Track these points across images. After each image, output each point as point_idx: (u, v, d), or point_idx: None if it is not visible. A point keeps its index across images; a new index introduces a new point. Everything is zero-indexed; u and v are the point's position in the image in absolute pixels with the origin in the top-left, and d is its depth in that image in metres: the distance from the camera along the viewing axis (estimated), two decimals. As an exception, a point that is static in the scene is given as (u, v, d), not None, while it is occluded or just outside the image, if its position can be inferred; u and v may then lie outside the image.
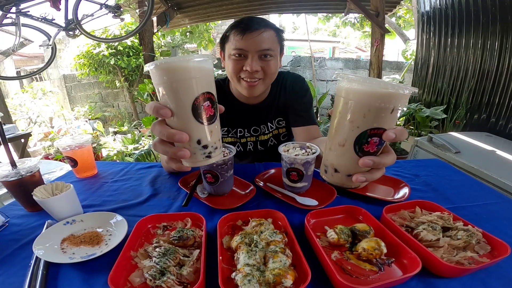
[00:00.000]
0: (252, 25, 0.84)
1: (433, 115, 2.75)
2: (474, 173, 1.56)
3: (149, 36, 3.32)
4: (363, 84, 0.39)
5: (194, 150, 0.45)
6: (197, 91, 0.42)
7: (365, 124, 0.40)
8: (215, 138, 0.47)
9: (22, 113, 4.73)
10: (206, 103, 0.43)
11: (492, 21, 2.45)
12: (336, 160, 0.45)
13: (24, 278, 0.48)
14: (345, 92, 0.42)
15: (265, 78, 0.91)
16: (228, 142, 1.12)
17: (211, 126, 0.45)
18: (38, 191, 0.64)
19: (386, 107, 0.39)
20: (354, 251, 0.52)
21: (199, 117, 0.43)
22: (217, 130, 0.47)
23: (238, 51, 0.86)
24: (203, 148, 0.45)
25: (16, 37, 2.50)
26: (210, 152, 0.46)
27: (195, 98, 0.41)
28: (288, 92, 1.06)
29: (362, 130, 0.40)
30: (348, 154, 0.43)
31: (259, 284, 0.42)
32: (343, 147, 0.43)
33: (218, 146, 0.48)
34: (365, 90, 0.39)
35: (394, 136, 0.40)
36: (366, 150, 0.42)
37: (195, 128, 0.43)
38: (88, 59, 5.24)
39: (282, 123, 1.09)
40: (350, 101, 0.41)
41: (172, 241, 0.53)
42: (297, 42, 12.87)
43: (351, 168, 0.44)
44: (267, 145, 1.11)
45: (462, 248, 0.51)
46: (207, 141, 0.45)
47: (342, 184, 0.47)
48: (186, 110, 0.42)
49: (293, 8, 4.10)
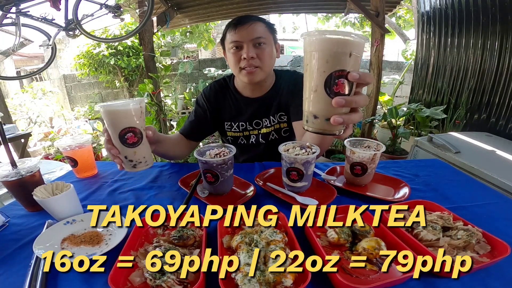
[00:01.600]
0: (243, 19, 0.96)
1: (433, 115, 2.75)
2: (474, 173, 1.56)
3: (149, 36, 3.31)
4: (321, 36, 0.46)
5: (124, 161, 0.69)
6: (121, 126, 0.64)
7: (330, 68, 0.45)
8: (139, 156, 0.69)
9: (22, 113, 4.72)
10: (129, 134, 0.65)
11: (492, 21, 2.44)
12: (313, 106, 0.49)
13: (24, 278, 0.48)
14: (308, 46, 0.47)
15: (263, 66, 0.98)
16: (231, 136, 1.15)
17: (134, 149, 0.67)
18: (38, 191, 0.64)
19: (343, 51, 0.44)
20: (354, 250, 0.52)
21: (124, 143, 0.66)
22: (142, 150, 0.69)
23: (234, 43, 0.96)
24: (129, 161, 0.69)
25: (16, 37, 2.49)
26: (135, 164, 0.69)
27: (120, 130, 0.64)
28: (290, 88, 1.08)
29: (328, 73, 0.45)
30: (322, 98, 0.47)
31: (259, 283, 0.42)
32: (316, 92, 0.48)
33: (143, 161, 0.70)
34: (323, 39, 0.45)
35: (358, 76, 0.45)
36: (337, 91, 0.46)
37: (122, 149, 0.67)
38: (88, 59, 5.24)
39: (284, 118, 1.11)
40: (313, 52, 0.46)
41: (172, 241, 0.53)
42: (297, 42, 12.87)
43: (328, 111, 0.48)
44: (268, 139, 1.13)
45: (462, 248, 0.51)
46: (132, 157, 0.68)
47: (323, 130, 0.50)
48: (116, 136, 0.65)
49: (293, 8, 4.09)
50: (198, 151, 0.75)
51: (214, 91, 1.13)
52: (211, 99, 1.12)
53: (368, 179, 0.78)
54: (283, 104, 1.09)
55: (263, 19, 0.99)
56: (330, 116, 0.47)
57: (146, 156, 0.71)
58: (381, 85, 3.46)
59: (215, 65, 5.46)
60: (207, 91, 1.14)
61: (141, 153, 0.69)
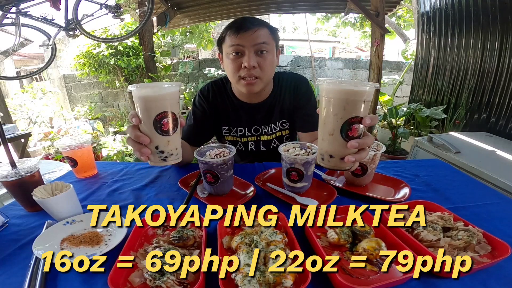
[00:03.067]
0: (246, 24, 0.87)
1: (433, 115, 2.75)
2: (474, 173, 1.56)
3: (149, 36, 3.32)
4: (340, 85, 0.51)
5: (153, 152, 0.58)
6: (158, 110, 0.55)
7: (346, 115, 0.51)
8: (172, 147, 0.59)
9: (22, 113, 4.72)
10: (165, 119, 0.56)
11: (492, 21, 2.44)
12: (329, 147, 0.55)
13: (24, 278, 0.48)
14: (326, 93, 0.53)
15: (263, 76, 0.92)
16: (229, 141, 1.12)
17: (168, 137, 0.58)
18: (38, 191, 0.64)
19: (359, 99, 0.50)
20: (354, 251, 0.52)
21: (159, 129, 0.56)
22: (175, 139, 0.60)
23: (235, 47, 0.88)
24: (160, 152, 0.58)
25: (16, 37, 2.50)
26: (166, 157, 0.59)
27: (157, 115, 0.55)
28: (294, 94, 1.05)
29: (345, 119, 0.51)
30: (337, 140, 0.53)
31: (259, 284, 0.42)
32: (332, 135, 0.53)
33: (174, 153, 0.60)
34: (342, 89, 0.50)
35: (369, 122, 0.51)
36: (351, 135, 0.52)
37: (154, 137, 0.57)
38: (88, 59, 5.23)
39: (286, 125, 1.09)
40: (332, 99, 0.52)
41: (172, 241, 0.53)
42: (297, 42, 12.87)
43: (342, 152, 0.54)
44: (270, 146, 1.11)
45: (463, 248, 0.51)
46: (163, 148, 0.58)
47: (338, 167, 0.56)
48: (150, 122, 0.56)
49: (293, 8, 4.09)
50: (198, 152, 0.75)
51: (212, 91, 1.07)
52: (210, 99, 1.06)
53: (368, 180, 0.78)
54: (286, 111, 1.06)
55: (267, 23, 0.92)
56: (344, 155, 0.54)
57: (178, 148, 0.62)
58: (381, 85, 3.46)
59: (215, 65, 5.45)
60: (205, 91, 1.08)
61: (174, 143, 0.60)
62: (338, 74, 5.81)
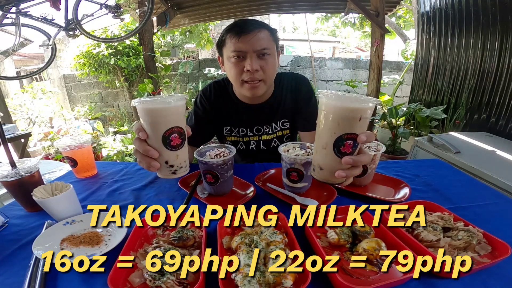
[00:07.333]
0: (247, 27, 0.87)
1: (433, 115, 2.74)
2: (474, 173, 1.56)
3: (149, 36, 3.32)
4: (336, 100, 0.49)
5: (162, 166, 0.58)
6: (166, 126, 0.54)
7: (340, 130, 0.50)
8: (181, 160, 0.59)
9: (22, 113, 4.72)
10: (174, 135, 0.55)
11: (492, 21, 2.44)
12: (321, 160, 0.55)
13: (23, 279, 0.48)
14: (324, 106, 0.52)
15: (266, 78, 0.92)
16: (231, 141, 1.13)
17: (177, 152, 0.57)
18: (38, 191, 0.64)
19: (354, 116, 0.48)
20: (354, 251, 0.52)
21: (168, 145, 0.56)
22: (183, 152, 0.59)
23: (236, 52, 0.88)
24: (170, 167, 0.58)
25: (16, 37, 2.49)
26: (175, 170, 0.59)
27: (165, 131, 0.54)
28: (295, 94, 1.05)
29: (338, 135, 0.50)
30: (330, 155, 0.52)
31: (259, 284, 0.42)
32: (325, 149, 0.52)
33: (183, 165, 0.60)
34: (338, 105, 0.49)
35: (365, 139, 0.50)
36: (343, 151, 0.51)
37: (163, 152, 0.56)
38: (88, 59, 5.23)
39: (287, 125, 1.09)
40: (327, 113, 0.51)
41: (172, 242, 0.53)
42: (297, 42, 12.88)
43: (333, 166, 0.53)
44: (270, 146, 1.11)
45: (463, 248, 0.51)
46: (173, 162, 0.58)
47: (327, 180, 0.56)
48: (158, 138, 0.55)
49: (293, 8, 4.09)
50: (198, 152, 0.75)
51: (214, 92, 1.07)
52: (212, 100, 1.06)
53: (369, 180, 0.78)
54: (287, 111, 1.07)
55: (267, 25, 0.92)
56: (335, 170, 0.53)
57: (186, 160, 0.61)
58: (381, 85, 3.45)
59: (215, 65, 5.45)
60: (207, 92, 1.08)
61: (182, 156, 0.59)
62: (338, 74, 5.81)
